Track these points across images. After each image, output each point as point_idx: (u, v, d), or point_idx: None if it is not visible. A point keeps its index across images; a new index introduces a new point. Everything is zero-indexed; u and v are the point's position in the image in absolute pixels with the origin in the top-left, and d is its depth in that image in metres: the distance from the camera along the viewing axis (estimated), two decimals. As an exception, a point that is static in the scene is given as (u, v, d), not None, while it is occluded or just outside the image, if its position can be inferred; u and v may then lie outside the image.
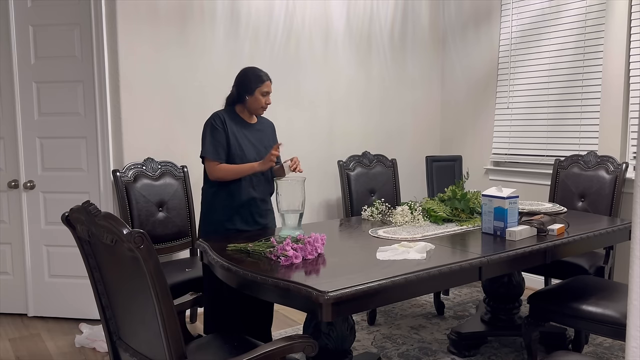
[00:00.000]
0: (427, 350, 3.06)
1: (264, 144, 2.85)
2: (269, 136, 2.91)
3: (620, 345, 3.00)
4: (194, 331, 3.20)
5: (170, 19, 3.47)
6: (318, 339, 2.13)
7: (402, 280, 1.91)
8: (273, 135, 2.96)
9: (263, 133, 2.89)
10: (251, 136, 2.82)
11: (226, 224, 2.73)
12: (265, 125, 2.93)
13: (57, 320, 3.55)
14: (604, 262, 3.13)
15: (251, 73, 2.79)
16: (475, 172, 4.23)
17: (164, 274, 1.57)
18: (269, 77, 2.79)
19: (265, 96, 2.78)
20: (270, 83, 2.79)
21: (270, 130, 2.96)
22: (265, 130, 2.92)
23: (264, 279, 1.93)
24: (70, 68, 3.40)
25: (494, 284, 3.06)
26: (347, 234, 2.84)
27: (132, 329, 1.80)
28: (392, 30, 4.54)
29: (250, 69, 2.83)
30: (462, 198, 2.89)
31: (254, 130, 2.86)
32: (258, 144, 2.83)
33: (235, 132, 2.76)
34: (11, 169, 3.53)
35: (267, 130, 2.93)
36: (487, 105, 4.51)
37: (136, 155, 3.38)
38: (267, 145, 2.84)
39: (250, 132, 2.83)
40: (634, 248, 1.20)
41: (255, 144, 2.82)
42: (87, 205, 1.63)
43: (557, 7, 3.95)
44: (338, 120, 4.29)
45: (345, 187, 3.84)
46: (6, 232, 3.58)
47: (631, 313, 1.19)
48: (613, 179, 3.39)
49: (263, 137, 2.88)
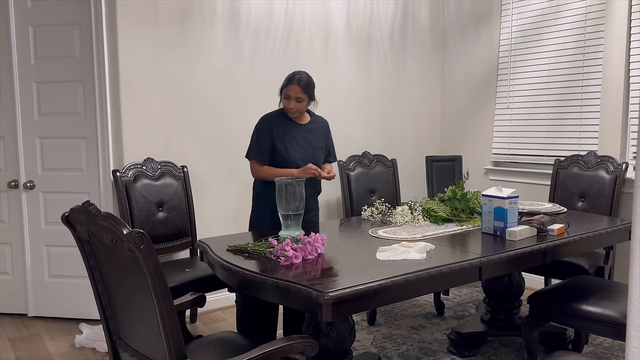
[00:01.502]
0: (427, 350, 3.06)
1: (313, 144, 2.88)
2: (319, 136, 2.93)
3: (620, 345, 3.00)
4: (194, 331, 3.20)
5: (170, 19, 3.47)
6: (318, 339, 2.13)
7: (402, 280, 1.91)
8: (325, 134, 2.97)
9: (313, 133, 2.91)
10: (299, 137, 2.85)
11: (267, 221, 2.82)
12: (318, 125, 2.95)
13: (57, 320, 3.55)
14: (604, 262, 3.13)
15: (288, 75, 2.84)
16: (475, 172, 4.23)
17: (164, 274, 1.57)
18: (295, 80, 2.77)
19: (289, 99, 2.78)
20: (295, 87, 2.76)
21: (322, 130, 2.96)
22: (317, 130, 2.93)
23: (264, 279, 1.93)
24: (70, 68, 3.40)
25: (494, 284, 3.06)
26: (347, 234, 2.84)
27: (132, 329, 1.80)
28: (392, 30, 4.54)
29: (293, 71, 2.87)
30: (462, 198, 2.89)
31: (303, 131, 2.88)
32: (306, 145, 2.86)
33: (282, 133, 2.82)
34: (11, 169, 3.53)
35: (319, 130, 2.94)
36: (487, 105, 4.51)
37: (136, 155, 3.38)
38: (316, 146, 2.88)
39: (299, 133, 2.86)
40: (634, 248, 1.20)
41: (303, 144, 2.85)
42: (87, 205, 1.63)
43: (557, 7, 3.96)
44: (338, 121, 4.27)
45: (345, 187, 3.84)
46: (6, 232, 3.58)
47: (631, 313, 1.19)
48: (613, 179, 3.39)
49: (313, 137, 2.90)
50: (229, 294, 3.43)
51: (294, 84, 2.77)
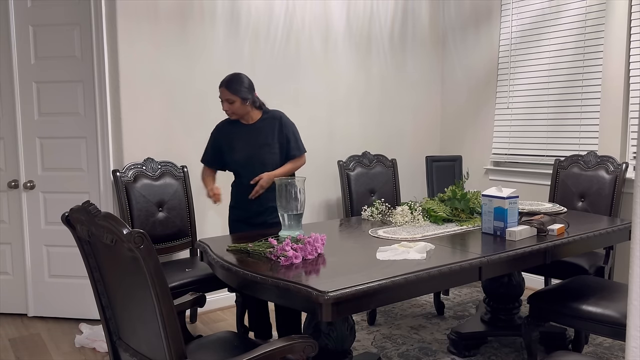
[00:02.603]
0: (427, 350, 3.06)
1: (259, 142, 2.89)
2: (267, 133, 2.91)
3: (620, 345, 3.00)
4: (194, 331, 3.20)
5: (170, 18, 3.47)
6: (318, 339, 2.13)
7: (402, 280, 1.91)
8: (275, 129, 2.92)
9: (259, 131, 2.91)
10: (244, 137, 2.89)
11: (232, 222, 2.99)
12: (266, 122, 2.93)
13: (57, 320, 3.55)
14: (604, 262, 3.13)
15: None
16: (475, 172, 4.23)
17: (164, 274, 1.57)
18: (222, 83, 2.85)
19: (222, 103, 2.86)
20: (222, 89, 2.84)
21: (271, 125, 2.92)
22: (265, 127, 2.92)
23: (264, 279, 1.93)
24: (70, 68, 3.40)
25: (494, 284, 3.06)
26: (347, 234, 2.84)
27: (132, 328, 1.80)
28: (392, 30, 4.54)
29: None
30: (462, 198, 2.88)
31: (249, 130, 2.91)
32: (250, 145, 2.89)
33: (230, 135, 2.92)
34: (11, 169, 3.53)
35: (267, 127, 2.92)
36: (487, 105, 4.51)
37: (136, 155, 3.38)
38: (263, 143, 2.89)
39: (244, 133, 2.90)
40: (634, 248, 1.20)
41: (247, 145, 2.89)
42: (87, 205, 1.63)
43: (557, 7, 3.95)
44: (338, 121, 4.29)
45: (345, 187, 3.84)
46: (6, 232, 3.58)
47: (631, 313, 1.19)
48: (613, 179, 3.39)
49: (259, 135, 2.90)
50: (229, 294, 3.43)
51: (222, 87, 2.85)
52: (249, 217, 2.90)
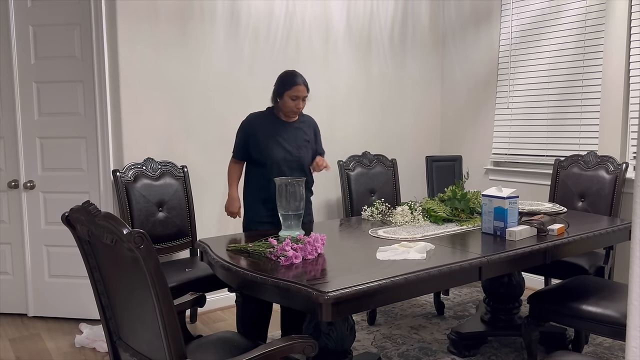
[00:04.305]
0: (427, 350, 3.06)
1: (299, 142, 2.89)
2: (307, 132, 2.95)
3: (620, 345, 3.00)
4: (194, 331, 3.20)
5: (170, 19, 3.47)
6: (318, 339, 2.13)
7: (402, 280, 1.91)
8: (314, 131, 3.01)
9: (302, 130, 2.93)
10: (286, 135, 2.86)
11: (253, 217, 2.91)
12: (306, 123, 2.98)
13: (57, 320, 3.55)
14: (604, 262, 3.13)
15: (284, 76, 2.85)
16: (475, 172, 4.23)
17: (164, 274, 1.57)
18: (301, 81, 2.80)
19: (295, 100, 2.81)
20: (302, 87, 2.80)
21: (310, 127, 2.99)
22: (305, 127, 2.96)
23: (264, 279, 1.93)
24: (70, 68, 3.40)
25: (494, 284, 3.06)
26: (347, 234, 2.84)
27: (132, 328, 1.80)
28: (392, 30, 4.54)
29: (285, 72, 2.89)
30: (462, 198, 2.89)
31: (292, 129, 2.89)
32: (290, 143, 2.86)
33: (267, 132, 2.84)
34: (11, 169, 3.53)
35: (307, 127, 2.97)
36: (487, 105, 4.51)
37: (136, 155, 3.38)
38: (301, 144, 2.90)
39: (287, 131, 2.87)
40: (634, 248, 1.20)
41: (287, 143, 2.85)
42: (87, 205, 1.63)
43: (557, 7, 3.96)
44: (338, 121, 4.29)
45: (345, 187, 3.84)
46: (6, 232, 3.58)
47: (631, 313, 1.20)
48: (613, 179, 3.39)
49: (301, 134, 2.92)
50: (229, 294, 3.43)
51: (300, 84, 2.80)
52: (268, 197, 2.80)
